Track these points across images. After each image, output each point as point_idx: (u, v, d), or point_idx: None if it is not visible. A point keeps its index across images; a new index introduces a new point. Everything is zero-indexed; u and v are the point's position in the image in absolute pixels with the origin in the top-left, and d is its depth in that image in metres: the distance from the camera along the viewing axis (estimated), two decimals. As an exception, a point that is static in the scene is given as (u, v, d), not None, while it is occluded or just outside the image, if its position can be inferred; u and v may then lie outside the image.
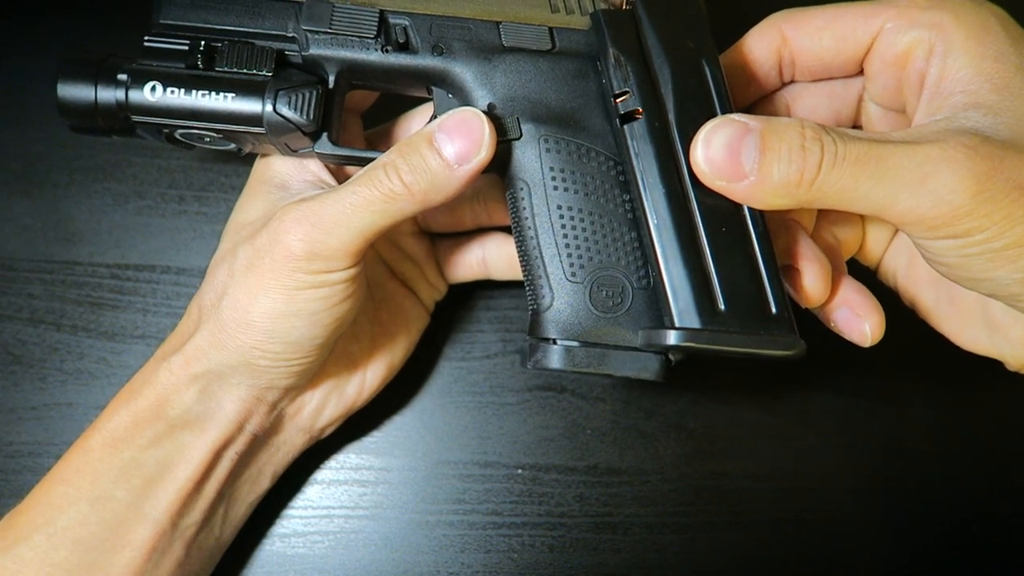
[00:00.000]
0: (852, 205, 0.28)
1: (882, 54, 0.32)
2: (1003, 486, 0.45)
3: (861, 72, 0.34)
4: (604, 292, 0.33)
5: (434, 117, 0.36)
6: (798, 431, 0.45)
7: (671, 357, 0.33)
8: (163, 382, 0.34)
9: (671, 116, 0.32)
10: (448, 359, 0.45)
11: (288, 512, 0.42)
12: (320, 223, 0.31)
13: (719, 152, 0.29)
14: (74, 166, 0.46)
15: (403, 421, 0.44)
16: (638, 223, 0.33)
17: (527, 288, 0.35)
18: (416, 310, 0.42)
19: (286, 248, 0.32)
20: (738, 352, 0.31)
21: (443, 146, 0.32)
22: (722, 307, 0.31)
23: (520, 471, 0.43)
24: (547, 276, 0.34)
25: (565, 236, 0.33)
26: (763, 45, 0.35)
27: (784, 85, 0.37)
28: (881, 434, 0.45)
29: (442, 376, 0.44)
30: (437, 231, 0.43)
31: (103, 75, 0.33)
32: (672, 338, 0.30)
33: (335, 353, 0.37)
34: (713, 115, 0.31)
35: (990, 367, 0.46)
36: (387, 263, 0.41)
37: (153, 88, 0.33)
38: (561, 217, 0.33)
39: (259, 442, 0.37)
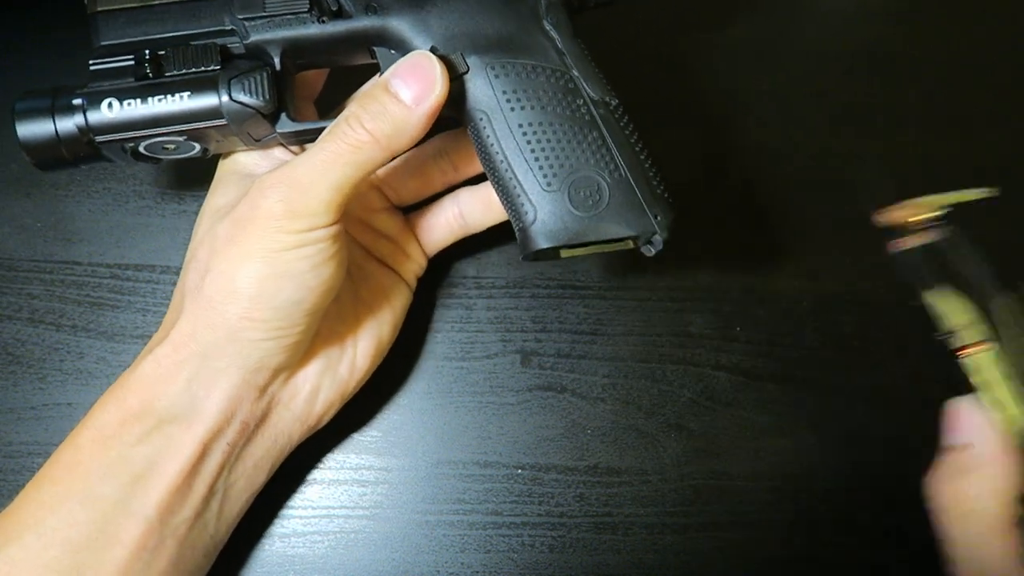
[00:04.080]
0: None
1: None
2: (1003, 486, 0.45)
3: None
4: (582, 193, 0.35)
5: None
6: (798, 431, 0.45)
7: (661, 237, 0.36)
8: (150, 374, 0.34)
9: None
10: (448, 359, 0.45)
11: (288, 512, 0.42)
12: (296, 183, 0.32)
13: None
14: (74, 166, 0.46)
15: (403, 421, 0.44)
16: (597, 124, 0.35)
17: (509, 213, 0.37)
18: (397, 287, 0.42)
19: (266, 211, 0.32)
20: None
21: (399, 90, 0.33)
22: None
23: (520, 471, 0.43)
24: (525, 193, 0.35)
25: (532, 151, 0.35)
26: None
27: None
28: (881, 434, 0.45)
29: (442, 376, 0.44)
30: (410, 200, 0.44)
31: (58, 105, 0.34)
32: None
33: (322, 334, 0.37)
34: None
35: (990, 367, 0.46)
36: (364, 246, 0.41)
37: (110, 105, 0.34)
38: (524, 134, 0.35)
39: (252, 433, 0.36)
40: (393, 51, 0.36)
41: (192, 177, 0.47)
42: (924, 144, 0.50)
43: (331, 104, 0.42)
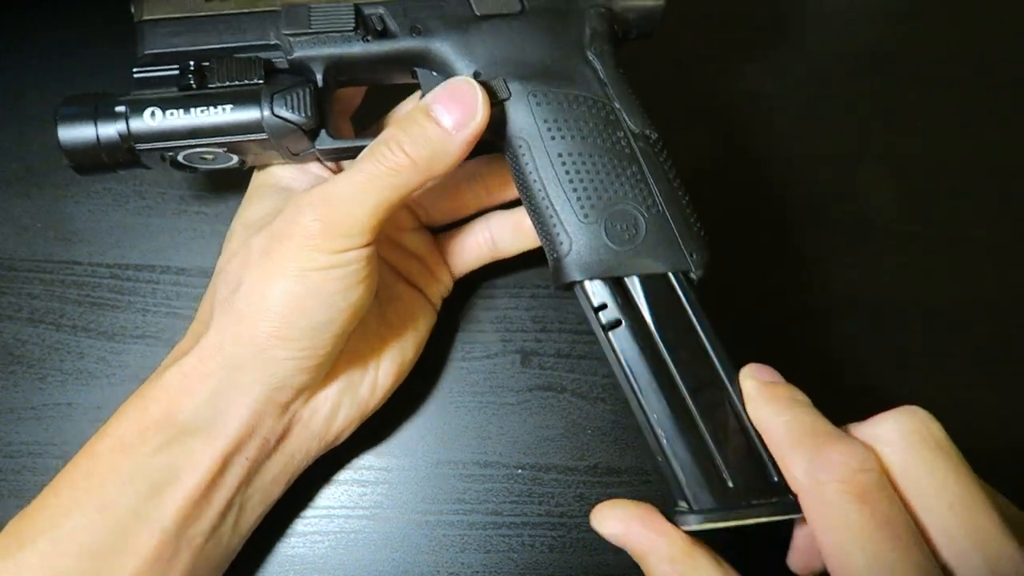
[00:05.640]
0: None
1: None
2: (1001, 484, 0.45)
3: None
4: (619, 226, 0.35)
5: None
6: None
7: (694, 276, 0.35)
8: (174, 385, 0.34)
9: None
10: (448, 359, 0.45)
11: (288, 512, 0.42)
12: (334, 203, 0.32)
13: None
14: (74, 166, 0.46)
15: (403, 421, 0.44)
16: (636, 157, 0.35)
17: (544, 242, 0.36)
18: (423, 308, 0.41)
19: (303, 228, 0.32)
20: (750, 524, 0.32)
21: (440, 115, 0.33)
22: (731, 485, 0.32)
23: (520, 471, 0.43)
24: (561, 223, 0.35)
25: (571, 181, 0.35)
26: None
27: None
28: (881, 434, 0.45)
29: (442, 376, 0.44)
30: (441, 222, 0.44)
31: (101, 112, 0.34)
32: (694, 522, 0.32)
33: (346, 353, 0.37)
34: None
35: (989, 368, 0.47)
36: (392, 264, 0.41)
37: (152, 114, 0.34)
38: (563, 164, 0.35)
39: (272, 449, 0.36)
40: (435, 73, 0.36)
41: (193, 178, 0.47)
42: (924, 144, 0.50)
43: (367, 119, 0.42)
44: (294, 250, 0.32)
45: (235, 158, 0.36)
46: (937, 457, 0.29)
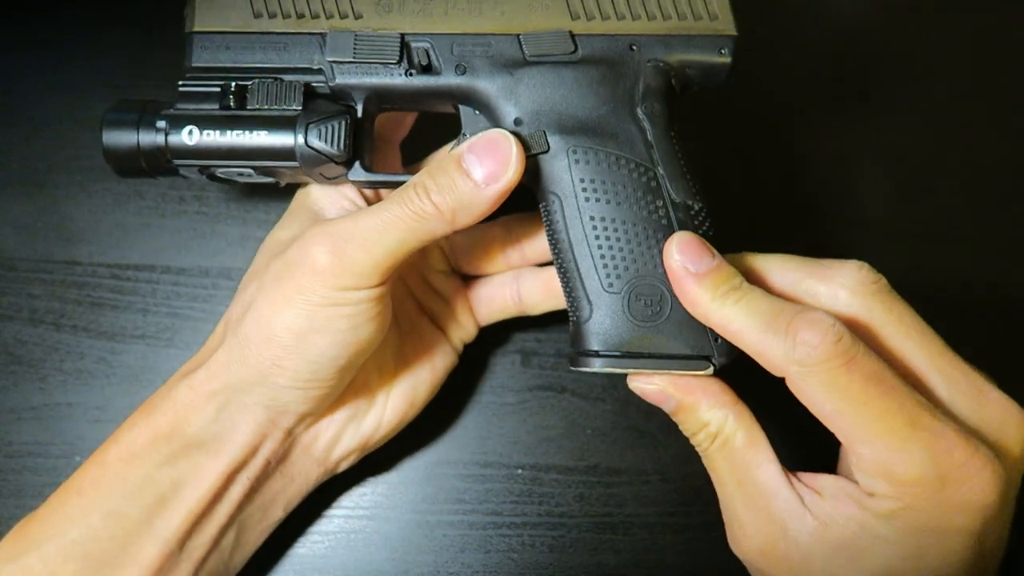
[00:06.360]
0: None
1: None
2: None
3: None
4: (642, 301, 0.33)
5: (463, 135, 0.36)
6: (797, 431, 0.45)
7: (714, 363, 0.34)
8: (183, 399, 0.34)
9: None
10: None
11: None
12: (349, 239, 0.32)
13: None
14: (74, 166, 0.46)
15: (403, 421, 0.44)
16: (672, 229, 0.33)
17: (567, 301, 0.35)
18: (443, 349, 0.41)
19: (314, 261, 0.32)
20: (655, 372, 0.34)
21: (472, 167, 0.32)
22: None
23: (520, 471, 0.43)
24: (584, 288, 0.34)
25: (600, 247, 0.34)
26: None
27: None
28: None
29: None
30: (468, 272, 0.43)
31: (144, 122, 0.35)
32: (598, 365, 0.33)
33: (355, 383, 0.37)
34: None
35: (989, 368, 0.46)
36: (417, 299, 0.41)
37: (190, 132, 0.34)
38: (595, 228, 0.34)
39: (273, 470, 0.36)
40: (477, 112, 0.36)
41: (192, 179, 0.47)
42: (924, 144, 0.50)
43: (415, 145, 0.41)
44: (302, 283, 0.32)
45: (271, 177, 0.36)
46: (893, 300, 0.32)
